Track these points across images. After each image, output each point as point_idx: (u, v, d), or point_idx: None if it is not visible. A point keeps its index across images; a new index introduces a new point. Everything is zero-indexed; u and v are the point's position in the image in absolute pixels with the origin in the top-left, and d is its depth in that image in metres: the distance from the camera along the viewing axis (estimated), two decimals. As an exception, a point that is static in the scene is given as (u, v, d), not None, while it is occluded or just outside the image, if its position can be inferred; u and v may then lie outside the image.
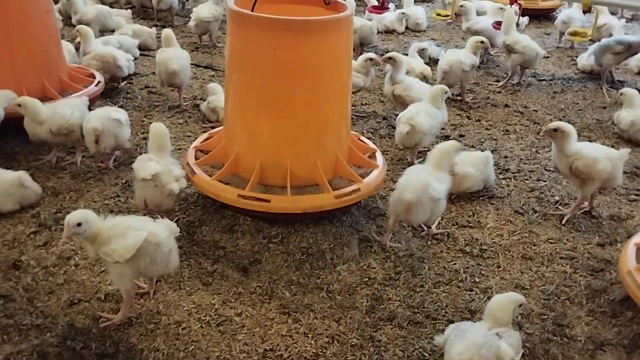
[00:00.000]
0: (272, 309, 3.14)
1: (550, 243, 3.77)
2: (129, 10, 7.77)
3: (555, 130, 3.83)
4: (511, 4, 6.71)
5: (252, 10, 3.68)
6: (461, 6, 7.11)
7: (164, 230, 2.96)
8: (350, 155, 4.03)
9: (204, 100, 5.34)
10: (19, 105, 4.23)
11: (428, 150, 3.86)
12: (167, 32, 5.47)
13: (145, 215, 3.58)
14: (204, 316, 3.06)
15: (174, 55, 5.30)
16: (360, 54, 6.45)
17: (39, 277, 3.27)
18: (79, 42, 5.81)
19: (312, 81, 3.63)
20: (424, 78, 5.92)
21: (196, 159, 3.97)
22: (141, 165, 3.54)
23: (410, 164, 4.49)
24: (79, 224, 2.76)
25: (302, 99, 3.64)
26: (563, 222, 3.96)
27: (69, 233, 2.76)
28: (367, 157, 4.10)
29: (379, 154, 4.21)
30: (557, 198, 4.24)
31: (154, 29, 7.21)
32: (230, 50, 3.78)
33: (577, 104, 6.06)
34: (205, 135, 4.31)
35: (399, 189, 3.50)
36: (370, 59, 5.34)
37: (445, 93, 4.68)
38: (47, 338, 2.87)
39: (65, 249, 3.49)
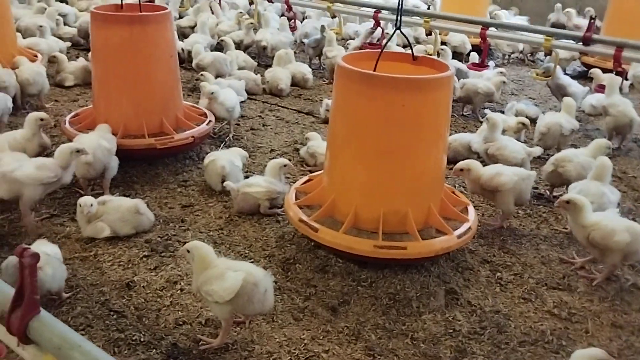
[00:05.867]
0: (358, 349, 3.28)
1: (643, 313, 3.71)
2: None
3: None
4: (614, 68, 6.66)
5: (374, 70, 3.92)
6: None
7: (261, 271, 3.19)
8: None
9: (304, 145, 5.65)
10: None
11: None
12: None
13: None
14: (294, 349, 3.25)
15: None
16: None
17: (148, 298, 3.59)
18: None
19: (432, 132, 3.88)
20: (524, 125, 5.94)
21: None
22: None
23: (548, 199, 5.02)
24: (188, 251, 3.12)
25: (423, 148, 3.89)
26: (658, 293, 3.88)
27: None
28: (451, 193, 4.41)
29: (456, 191, 4.49)
30: (653, 268, 4.15)
31: (258, 75, 7.70)
32: (347, 106, 3.93)
33: (680, 173, 5.88)
34: (293, 191, 4.33)
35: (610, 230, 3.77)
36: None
37: (609, 148, 4.91)
38: (152, 354, 3.14)
39: (172, 274, 3.81)
